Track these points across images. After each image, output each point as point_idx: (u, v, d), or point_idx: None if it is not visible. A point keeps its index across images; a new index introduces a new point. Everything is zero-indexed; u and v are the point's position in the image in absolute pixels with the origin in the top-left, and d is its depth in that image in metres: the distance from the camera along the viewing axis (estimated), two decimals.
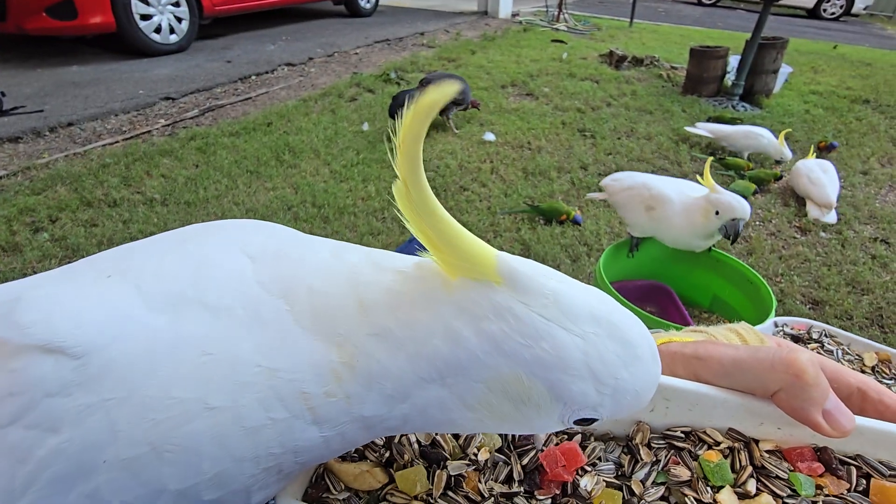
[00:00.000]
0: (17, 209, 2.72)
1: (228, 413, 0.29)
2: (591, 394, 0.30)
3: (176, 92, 4.53)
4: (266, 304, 0.31)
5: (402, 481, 0.38)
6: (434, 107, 0.27)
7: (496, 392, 0.31)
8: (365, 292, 0.31)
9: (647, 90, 5.16)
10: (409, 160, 0.28)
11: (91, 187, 2.99)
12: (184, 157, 3.41)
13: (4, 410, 0.28)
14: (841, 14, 12.06)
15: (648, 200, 1.67)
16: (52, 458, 0.28)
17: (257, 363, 0.30)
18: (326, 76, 5.31)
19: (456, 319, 0.30)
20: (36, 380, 0.28)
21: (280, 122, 4.01)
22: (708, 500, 0.37)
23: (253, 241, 0.36)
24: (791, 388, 0.37)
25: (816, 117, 4.64)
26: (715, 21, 10.50)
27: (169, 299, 0.31)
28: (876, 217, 3.13)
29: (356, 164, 3.44)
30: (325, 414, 0.31)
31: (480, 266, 0.30)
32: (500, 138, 3.94)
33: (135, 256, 0.35)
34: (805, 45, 7.89)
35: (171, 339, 0.30)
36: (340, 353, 0.30)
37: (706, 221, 1.53)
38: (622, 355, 0.30)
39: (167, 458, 0.29)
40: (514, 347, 0.29)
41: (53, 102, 4.12)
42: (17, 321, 0.30)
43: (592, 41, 7.34)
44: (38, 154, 3.39)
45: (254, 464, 0.31)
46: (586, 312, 0.30)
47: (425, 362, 0.30)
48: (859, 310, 2.37)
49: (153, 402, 0.28)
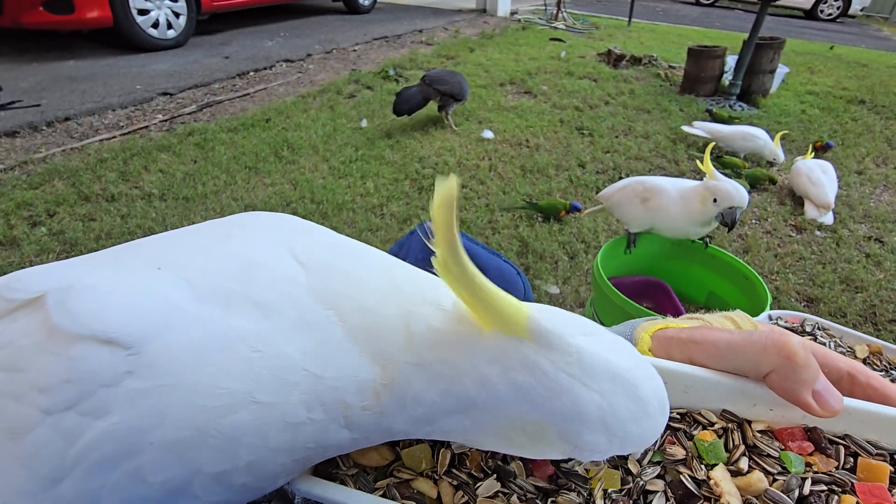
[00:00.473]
0: (15, 203, 2.72)
1: (274, 409, 0.31)
2: (602, 443, 0.33)
3: (174, 87, 4.52)
4: (317, 312, 0.33)
5: (408, 458, 0.39)
6: (450, 200, 0.28)
7: (515, 429, 0.33)
8: (412, 323, 0.34)
9: (645, 89, 5.17)
10: (447, 243, 0.29)
11: (89, 182, 2.98)
12: (182, 152, 3.41)
13: (61, 397, 0.29)
14: (838, 15, 12.12)
15: (643, 193, 1.69)
16: (102, 440, 0.29)
17: (304, 367, 0.32)
18: (325, 73, 5.30)
19: (487, 366, 0.32)
20: (93, 371, 0.29)
21: (278, 119, 4.01)
22: (702, 476, 0.38)
23: (299, 244, 0.37)
24: (782, 369, 0.38)
25: (813, 117, 4.67)
26: (713, 21, 10.53)
27: (219, 295, 0.32)
28: (870, 216, 3.16)
29: (355, 161, 3.44)
30: (359, 423, 0.33)
31: (513, 325, 0.32)
32: (499, 136, 3.95)
33: (179, 249, 0.37)
34: (802, 45, 7.93)
35: (223, 332, 0.31)
36: (383, 375, 0.33)
37: (703, 208, 1.54)
38: (634, 411, 0.32)
39: (210, 442, 0.30)
40: (538, 398, 0.32)
41: (50, 97, 4.11)
42: (72, 310, 0.31)
43: (591, 40, 7.36)
44: (35, 149, 3.38)
45: (288, 455, 0.33)
46: (605, 370, 0.32)
47: (454, 398, 0.33)
48: (853, 307, 2.40)
49: (202, 390, 0.30)
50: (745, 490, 0.37)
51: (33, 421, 0.29)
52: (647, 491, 0.39)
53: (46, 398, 0.29)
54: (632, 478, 0.40)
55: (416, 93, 3.75)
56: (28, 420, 0.29)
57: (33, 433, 0.29)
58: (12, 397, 0.30)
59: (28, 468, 0.29)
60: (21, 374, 0.30)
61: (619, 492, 0.39)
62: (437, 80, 3.76)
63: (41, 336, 0.31)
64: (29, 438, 0.29)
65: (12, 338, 0.32)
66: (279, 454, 0.32)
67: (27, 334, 0.31)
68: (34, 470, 0.29)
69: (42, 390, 0.29)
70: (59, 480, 0.29)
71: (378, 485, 0.38)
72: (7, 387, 0.30)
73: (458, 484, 0.38)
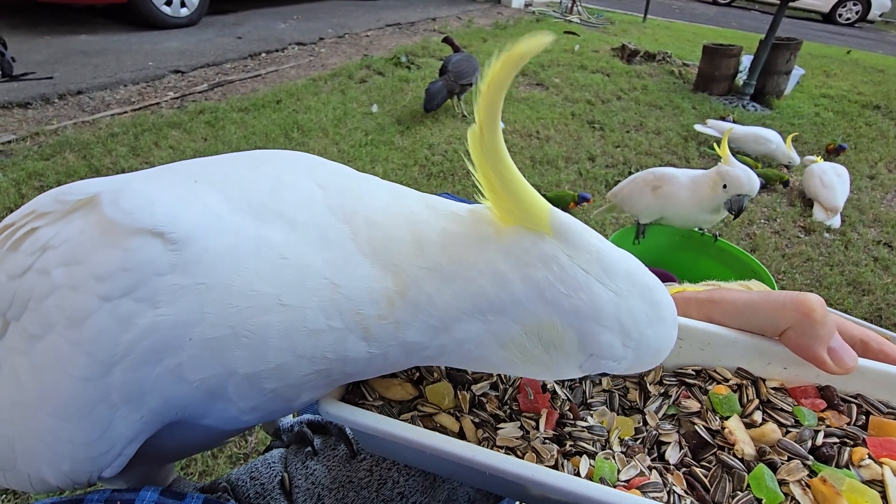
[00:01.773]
0: (27, 173, 2.73)
1: (297, 312, 0.32)
2: (618, 346, 0.33)
3: (185, 65, 4.52)
4: (334, 227, 0.35)
5: (431, 394, 0.40)
6: (524, 57, 0.29)
7: (531, 335, 0.33)
8: (421, 230, 0.35)
9: (658, 86, 5.14)
10: (490, 107, 0.30)
11: (99, 155, 3.00)
12: (192, 130, 3.42)
13: (118, 284, 0.31)
14: (856, 20, 11.96)
15: (653, 182, 1.70)
16: (150, 330, 0.31)
17: (324, 276, 0.33)
18: (337, 57, 5.29)
19: (504, 263, 0.32)
20: (148, 260, 0.31)
21: (289, 101, 4.01)
22: (716, 427, 0.39)
23: (320, 172, 0.39)
24: (800, 325, 0.39)
25: (826, 120, 4.64)
26: (729, 21, 10.42)
27: (252, 207, 0.34)
28: (880, 221, 3.14)
29: (364, 146, 3.44)
30: (376, 334, 0.34)
31: (535, 216, 0.33)
32: (509, 126, 3.94)
33: (214, 169, 0.38)
34: (818, 48, 7.84)
35: (255, 239, 0.33)
36: (395, 282, 0.33)
37: (713, 194, 1.56)
38: (649, 314, 0.33)
39: (243, 342, 0.32)
40: (555, 295, 0.32)
41: (63, 70, 4.11)
42: (125, 207, 0.32)
43: (605, 34, 7.30)
44: (46, 120, 3.40)
45: (310, 363, 0.34)
46: (623, 271, 0.32)
47: (470, 299, 0.33)
48: (859, 309, 2.40)
49: (237, 291, 0.32)
50: (759, 440, 0.38)
51: (92, 307, 0.31)
52: (661, 442, 0.40)
53: (104, 286, 0.31)
54: (647, 428, 0.41)
55: (442, 87, 3.74)
56: (87, 306, 0.31)
57: (92, 318, 0.31)
58: (71, 288, 0.31)
59: (88, 353, 0.31)
60: (79, 267, 0.32)
61: (635, 440, 0.40)
62: (461, 74, 3.74)
63: (97, 231, 0.32)
64: (88, 323, 0.31)
65: (69, 236, 0.33)
66: (303, 361, 0.34)
67: (83, 231, 0.33)
68: (93, 355, 0.31)
69: (100, 279, 0.31)
70: (112, 366, 0.31)
71: (402, 417, 0.39)
72: (66, 279, 0.32)
73: (480, 422, 0.40)
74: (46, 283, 0.32)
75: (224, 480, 0.52)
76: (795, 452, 0.37)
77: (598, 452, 0.38)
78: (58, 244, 0.33)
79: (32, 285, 0.33)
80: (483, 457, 0.34)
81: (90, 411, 0.31)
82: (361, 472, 0.49)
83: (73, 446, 0.33)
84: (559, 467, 0.37)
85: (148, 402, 0.32)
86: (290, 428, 0.57)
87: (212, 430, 0.37)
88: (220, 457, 1.55)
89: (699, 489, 0.36)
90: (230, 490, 0.51)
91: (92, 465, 0.34)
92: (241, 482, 0.51)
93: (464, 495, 0.52)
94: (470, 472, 0.37)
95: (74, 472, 0.34)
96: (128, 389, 0.31)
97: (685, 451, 0.39)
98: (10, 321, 0.35)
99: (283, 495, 0.50)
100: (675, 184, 1.64)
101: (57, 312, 0.32)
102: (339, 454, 0.51)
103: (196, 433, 0.37)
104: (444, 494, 0.50)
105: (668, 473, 0.37)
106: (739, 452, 0.37)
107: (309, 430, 0.54)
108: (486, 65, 0.29)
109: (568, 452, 0.38)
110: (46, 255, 0.33)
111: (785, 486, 0.35)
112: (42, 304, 0.32)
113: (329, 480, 0.49)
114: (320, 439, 0.54)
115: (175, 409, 0.34)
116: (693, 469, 0.38)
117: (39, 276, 0.33)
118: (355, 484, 0.49)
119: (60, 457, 0.34)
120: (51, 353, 0.32)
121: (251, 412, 0.36)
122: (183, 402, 0.33)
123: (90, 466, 0.34)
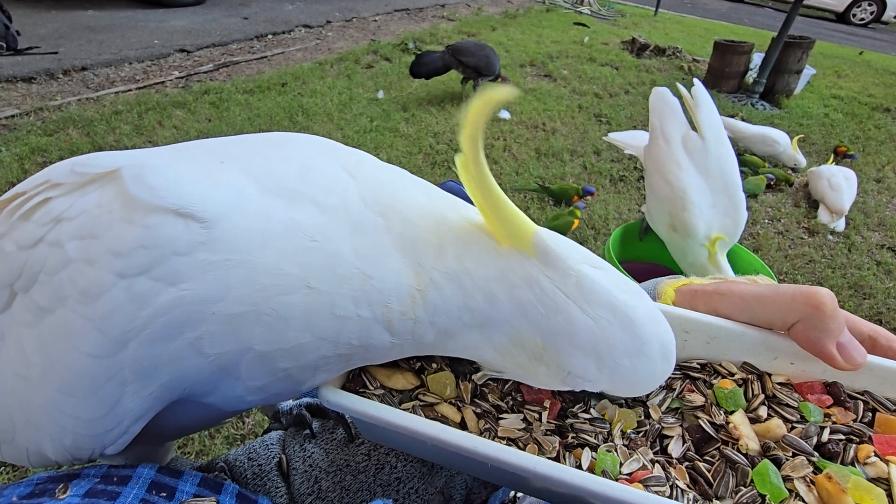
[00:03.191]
0: (30, 148, 2.72)
1: (324, 297, 0.32)
2: (592, 370, 0.34)
3: (191, 45, 4.48)
4: (367, 217, 0.35)
5: (433, 383, 0.40)
6: (498, 104, 0.31)
7: (516, 346, 0.35)
8: (445, 236, 0.35)
9: (667, 81, 5.08)
10: (472, 141, 0.31)
11: (103, 133, 2.98)
12: (197, 110, 3.40)
13: (135, 261, 0.30)
14: (870, 20, 11.80)
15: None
16: (170, 306, 0.30)
17: (356, 265, 0.33)
18: (343, 41, 5.24)
19: (495, 282, 0.34)
20: (167, 238, 0.30)
21: (295, 84, 3.97)
22: (720, 421, 0.39)
23: (348, 159, 0.38)
24: (810, 319, 0.38)
25: (835, 122, 4.59)
26: (741, 17, 10.29)
27: (280, 189, 0.34)
28: (885, 225, 3.13)
29: (369, 132, 3.42)
30: (397, 328, 0.34)
31: (519, 238, 0.34)
32: (515, 117, 3.91)
33: (238, 150, 0.37)
34: (831, 48, 7.75)
35: (284, 220, 0.33)
36: (418, 281, 0.34)
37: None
38: (628, 346, 0.33)
39: (264, 319, 0.32)
40: (536, 315, 0.33)
41: (67, 45, 4.08)
42: (149, 183, 0.32)
43: (615, 27, 7.22)
44: (51, 96, 3.38)
45: (332, 347, 0.34)
46: (605, 300, 0.33)
47: (469, 312, 0.35)
48: (859, 313, 2.39)
49: (264, 269, 0.31)
50: (764, 435, 0.38)
51: (107, 283, 0.30)
52: (664, 435, 0.40)
53: (121, 262, 0.30)
54: (649, 421, 0.40)
55: (438, 59, 3.69)
56: (102, 282, 0.30)
57: (106, 295, 0.30)
58: (86, 262, 0.31)
59: (100, 330, 0.30)
60: (96, 241, 0.31)
61: (637, 433, 0.40)
62: (461, 50, 3.69)
63: (117, 205, 0.31)
64: (102, 300, 0.30)
65: (85, 208, 0.32)
66: (324, 344, 0.33)
67: (100, 205, 0.32)
68: (106, 332, 0.30)
69: (117, 254, 0.30)
70: (125, 343, 0.30)
71: (403, 406, 0.39)
72: (81, 253, 0.31)
73: (482, 412, 0.39)
74: (59, 256, 0.31)
75: (222, 460, 0.52)
76: (800, 448, 0.36)
77: (600, 445, 0.38)
78: (73, 216, 0.32)
79: (44, 257, 0.32)
80: (484, 447, 0.34)
81: (98, 388, 0.31)
82: (359, 456, 0.49)
83: (77, 422, 0.32)
84: (561, 459, 0.37)
85: (161, 375, 0.32)
86: (289, 411, 0.57)
87: (213, 408, 0.37)
88: (218, 437, 1.55)
89: (702, 484, 0.36)
90: (227, 470, 0.51)
91: (95, 441, 0.33)
92: (238, 463, 0.51)
93: (461, 482, 0.51)
94: (471, 463, 0.37)
95: (76, 448, 0.34)
96: (140, 365, 0.31)
97: (688, 446, 0.39)
98: (18, 292, 0.34)
99: (280, 477, 0.49)
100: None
101: (69, 286, 0.31)
102: (338, 438, 0.51)
103: (197, 411, 0.37)
104: (441, 481, 0.50)
105: (670, 467, 0.37)
106: (744, 447, 0.37)
107: (308, 413, 0.54)
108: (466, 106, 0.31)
109: (570, 445, 0.38)
110: (60, 226, 0.32)
111: (789, 482, 0.35)
112: (54, 277, 0.31)
113: (327, 463, 0.49)
114: (319, 423, 0.54)
115: (184, 385, 0.33)
116: (696, 463, 0.37)
117: (52, 248, 0.32)
118: (353, 468, 0.48)
119: (63, 432, 0.33)
120: (60, 328, 0.31)
121: (257, 392, 0.35)
122: (195, 377, 0.33)
123: (93, 443, 0.34)
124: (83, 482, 0.33)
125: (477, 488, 0.54)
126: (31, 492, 0.32)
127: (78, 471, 0.34)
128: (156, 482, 0.35)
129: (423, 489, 0.49)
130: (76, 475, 0.34)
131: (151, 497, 0.34)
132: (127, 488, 0.33)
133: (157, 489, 0.34)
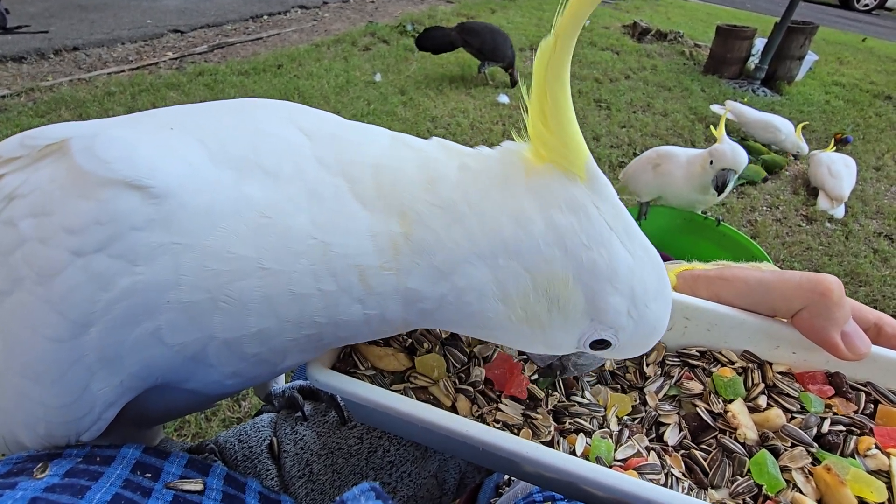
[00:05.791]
0: (21, 130, 2.67)
1: (280, 277, 0.30)
2: (623, 313, 0.31)
3: (185, 25, 4.40)
4: (325, 181, 0.32)
5: (421, 365, 0.39)
6: None
7: (539, 288, 0.31)
8: (435, 169, 0.32)
9: (668, 66, 5.03)
10: (574, 21, 0.27)
11: (96, 114, 2.93)
12: (191, 91, 3.34)
13: (91, 238, 0.28)
14: (874, 7, 11.66)
15: (655, 159, 1.73)
16: (129, 291, 0.28)
17: (312, 235, 0.31)
18: (340, 22, 5.15)
19: (527, 200, 0.30)
20: (123, 213, 0.28)
21: (290, 66, 3.91)
22: (718, 410, 0.38)
23: (305, 119, 0.36)
24: (815, 306, 0.37)
25: (836, 109, 4.56)
26: (744, 1, 10.15)
27: (231, 159, 0.32)
28: (883, 213, 3.12)
29: (366, 115, 3.37)
30: (375, 286, 0.31)
31: (574, 154, 0.30)
32: (514, 101, 3.86)
33: (192, 115, 0.35)
34: (834, 34, 7.66)
35: (234, 196, 0.30)
36: (402, 223, 0.31)
37: (703, 172, 1.57)
38: (657, 286, 0.31)
39: (221, 307, 0.30)
40: (576, 245, 0.30)
41: (58, 24, 4.00)
42: (101, 156, 0.30)
43: (617, 11, 7.11)
44: (42, 76, 3.32)
45: (296, 328, 0.32)
46: (640, 237, 0.31)
47: (485, 238, 0.31)
48: (855, 300, 2.40)
49: (213, 253, 0.29)
50: (763, 425, 0.37)
51: (62, 262, 0.28)
52: (660, 423, 0.39)
53: (76, 239, 0.28)
54: (646, 408, 0.40)
55: (446, 35, 3.66)
56: (57, 261, 0.29)
57: (63, 275, 0.28)
58: (40, 241, 0.29)
59: (59, 312, 0.29)
60: (48, 218, 0.29)
61: (633, 419, 0.39)
62: (469, 31, 3.64)
63: (68, 181, 0.30)
64: (59, 280, 0.28)
65: (38, 185, 0.31)
66: (287, 325, 0.32)
67: (52, 180, 0.30)
68: (65, 314, 0.29)
69: (71, 232, 0.29)
70: (87, 326, 0.29)
71: (394, 388, 0.38)
72: (34, 231, 0.30)
73: (473, 396, 0.38)
74: (13, 235, 0.30)
75: (212, 442, 0.51)
76: (799, 439, 0.36)
77: (595, 430, 0.37)
78: (26, 193, 0.31)
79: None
80: (476, 432, 0.33)
81: (63, 374, 0.30)
82: (352, 439, 0.48)
83: (46, 409, 0.31)
84: (555, 445, 0.36)
85: (127, 365, 0.30)
86: (281, 393, 0.56)
87: (196, 393, 0.36)
88: (214, 420, 1.56)
89: (697, 472, 0.35)
90: (217, 452, 0.50)
91: (68, 428, 0.32)
92: (229, 444, 0.50)
93: (455, 466, 0.51)
94: (462, 447, 0.36)
95: (50, 436, 0.33)
96: (105, 352, 0.30)
97: (685, 433, 0.38)
98: None
99: (270, 459, 0.49)
100: (673, 162, 1.67)
101: (25, 266, 0.29)
102: (330, 421, 0.50)
103: (180, 396, 0.36)
104: (434, 465, 0.49)
105: (666, 455, 0.36)
106: (741, 437, 0.36)
107: (300, 395, 0.53)
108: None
109: (566, 430, 0.37)
110: (13, 204, 0.31)
111: (787, 472, 0.34)
112: (9, 257, 0.30)
113: (318, 446, 0.48)
114: (311, 405, 0.53)
115: (156, 374, 0.32)
116: (692, 452, 0.37)
117: (5, 227, 0.31)
118: (345, 451, 0.48)
119: (35, 419, 0.32)
120: (19, 311, 0.30)
121: (233, 377, 0.34)
122: (164, 367, 0.31)
123: (66, 430, 0.33)
124: (64, 461, 0.32)
125: (471, 472, 0.53)
126: (8, 471, 0.31)
127: (60, 450, 0.34)
128: (140, 462, 0.34)
129: (417, 473, 0.48)
130: (57, 455, 0.33)
131: (135, 478, 0.33)
132: (110, 469, 0.32)
133: (142, 470, 0.34)
